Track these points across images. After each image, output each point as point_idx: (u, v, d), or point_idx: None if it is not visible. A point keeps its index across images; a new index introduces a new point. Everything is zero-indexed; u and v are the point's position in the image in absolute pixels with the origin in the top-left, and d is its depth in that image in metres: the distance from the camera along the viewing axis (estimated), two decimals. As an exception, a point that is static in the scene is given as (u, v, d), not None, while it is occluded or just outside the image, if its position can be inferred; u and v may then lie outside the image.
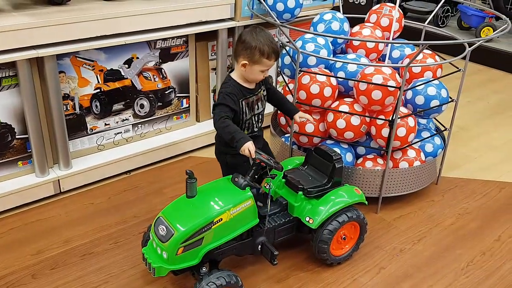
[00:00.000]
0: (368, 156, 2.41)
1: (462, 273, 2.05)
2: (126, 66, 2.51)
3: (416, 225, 2.33)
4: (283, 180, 2.00)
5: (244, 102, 1.91)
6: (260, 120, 2.03)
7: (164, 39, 2.57)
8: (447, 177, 2.71)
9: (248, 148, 1.74)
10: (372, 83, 2.17)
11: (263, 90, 2.01)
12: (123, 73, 2.52)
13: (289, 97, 2.44)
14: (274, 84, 3.21)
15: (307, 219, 1.90)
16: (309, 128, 2.37)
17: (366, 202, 2.06)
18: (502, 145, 3.13)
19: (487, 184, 2.69)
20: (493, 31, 4.59)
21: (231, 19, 2.73)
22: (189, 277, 1.90)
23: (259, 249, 1.87)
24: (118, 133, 2.63)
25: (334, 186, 1.98)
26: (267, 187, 1.89)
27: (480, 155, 3.00)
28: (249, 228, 1.80)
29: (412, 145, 2.40)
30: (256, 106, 1.97)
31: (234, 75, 1.93)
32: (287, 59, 2.52)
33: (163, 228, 1.69)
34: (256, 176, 1.80)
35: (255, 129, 2.01)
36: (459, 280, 2.01)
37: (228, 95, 1.87)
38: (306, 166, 2.07)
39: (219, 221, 1.70)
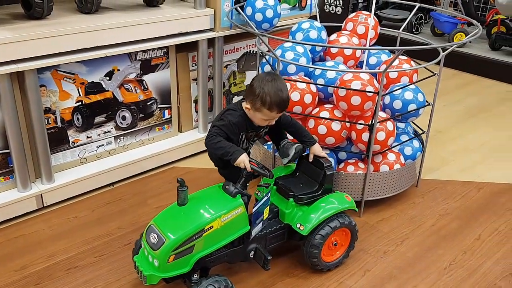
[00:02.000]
0: (349, 161, 2.45)
1: (445, 272, 2.10)
2: (107, 78, 2.52)
3: (398, 227, 2.38)
4: (274, 187, 2.02)
5: (244, 135, 1.95)
6: (252, 144, 2.07)
7: (144, 51, 2.59)
8: (426, 179, 2.77)
9: (244, 161, 1.76)
10: (351, 89, 2.22)
11: (266, 129, 2.02)
12: (104, 86, 2.52)
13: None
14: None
15: (298, 225, 1.93)
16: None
17: (356, 209, 2.10)
18: (479, 147, 3.22)
19: (465, 185, 2.76)
20: (465, 37, 4.72)
21: (211, 29, 2.76)
22: (180, 285, 1.89)
23: (252, 254, 1.89)
24: (100, 145, 2.63)
25: (324, 193, 2.01)
26: (258, 194, 1.91)
27: (457, 157, 3.08)
28: (240, 235, 1.81)
29: (392, 149, 2.45)
30: (252, 139, 2.03)
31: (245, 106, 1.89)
32: (267, 68, 2.56)
33: (154, 236, 1.70)
34: (247, 184, 1.82)
35: (244, 147, 2.02)
36: (442, 280, 2.05)
37: (232, 125, 1.86)
38: (297, 173, 2.09)
39: (210, 229, 1.71)
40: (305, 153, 2.09)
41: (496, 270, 2.11)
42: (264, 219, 1.86)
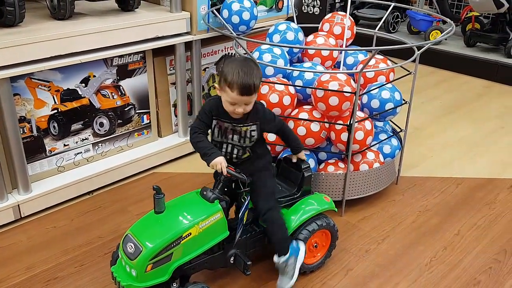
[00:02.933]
0: (329, 161, 2.46)
1: (426, 268, 2.12)
2: (83, 85, 2.48)
3: (379, 225, 2.39)
4: None
5: (216, 122, 1.82)
6: (238, 153, 1.86)
7: (120, 56, 2.56)
8: (406, 177, 2.80)
9: (221, 163, 1.71)
10: (329, 90, 2.23)
11: (251, 130, 1.82)
12: (80, 92, 2.49)
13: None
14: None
15: None
16: (271, 137, 2.40)
17: (336, 209, 2.11)
18: (456, 143, 3.26)
19: (444, 181, 2.80)
20: (441, 34, 4.78)
21: (187, 33, 2.74)
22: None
23: (232, 260, 1.87)
24: (78, 153, 2.59)
25: (303, 195, 2.01)
26: (242, 201, 1.89)
27: (436, 153, 3.12)
28: (219, 241, 1.80)
29: (371, 148, 2.47)
30: (231, 136, 1.83)
31: None
32: (245, 71, 2.55)
33: (131, 246, 1.67)
34: (225, 189, 1.80)
35: (233, 160, 1.87)
36: (424, 276, 2.08)
37: (204, 109, 1.82)
38: (275, 176, 2.09)
39: (188, 236, 1.69)
40: (285, 155, 2.10)
41: (476, 264, 2.15)
42: (244, 223, 1.85)
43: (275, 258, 1.90)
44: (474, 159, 3.05)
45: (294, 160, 2.04)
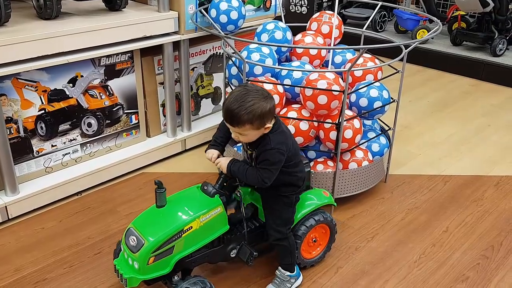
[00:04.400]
0: (318, 160, 2.47)
1: (415, 265, 2.14)
2: (71, 85, 2.46)
3: (369, 223, 2.41)
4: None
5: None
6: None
7: (108, 56, 2.54)
8: (394, 175, 2.82)
9: (212, 156, 1.80)
10: (317, 89, 2.24)
11: (253, 155, 1.78)
12: (67, 93, 2.47)
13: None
14: (222, 95, 3.24)
15: None
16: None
17: (335, 204, 2.13)
18: (444, 141, 3.29)
19: (432, 178, 2.82)
20: (427, 33, 4.83)
21: (175, 32, 2.73)
22: (161, 287, 1.87)
23: (233, 253, 1.90)
24: (66, 153, 2.57)
25: (302, 190, 2.02)
26: (238, 194, 1.90)
27: (424, 151, 3.14)
28: (220, 235, 1.82)
29: (360, 146, 2.48)
30: (245, 153, 1.89)
31: None
32: (234, 70, 2.55)
33: (133, 239, 1.69)
34: (225, 184, 1.82)
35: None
36: (413, 273, 2.09)
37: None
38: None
39: (189, 229, 1.71)
40: None
41: (464, 260, 2.17)
42: (245, 217, 1.88)
43: (280, 270, 1.93)
44: (461, 157, 3.08)
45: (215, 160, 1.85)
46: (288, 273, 1.92)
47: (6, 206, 2.32)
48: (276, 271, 1.94)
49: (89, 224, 2.36)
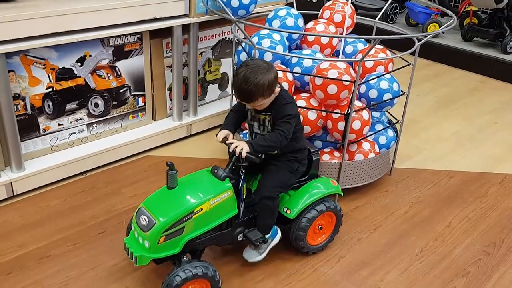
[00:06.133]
0: (325, 150, 2.46)
1: (417, 258, 2.14)
2: (79, 64, 2.45)
3: (372, 215, 2.41)
4: (261, 173, 2.02)
5: (248, 107, 1.94)
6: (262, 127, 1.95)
7: (117, 36, 2.53)
8: (400, 168, 2.82)
9: (224, 134, 1.86)
10: (328, 78, 2.22)
11: (269, 119, 1.89)
12: (76, 72, 2.46)
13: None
14: (229, 81, 3.23)
15: (285, 209, 1.96)
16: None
17: (342, 193, 2.14)
18: (450, 136, 3.28)
19: (437, 173, 2.82)
20: (439, 27, 4.79)
21: (185, 15, 2.71)
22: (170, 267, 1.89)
23: (240, 237, 1.92)
24: (72, 133, 2.57)
25: (310, 178, 2.05)
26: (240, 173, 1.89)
27: (430, 146, 3.13)
28: (228, 219, 1.83)
29: (367, 138, 2.47)
30: (254, 123, 1.95)
31: None
32: (243, 56, 2.54)
33: (144, 218, 1.71)
34: (234, 168, 1.82)
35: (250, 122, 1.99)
36: (414, 265, 2.10)
37: None
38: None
39: (200, 211, 1.73)
40: None
41: (466, 255, 2.17)
42: (244, 197, 1.88)
43: (253, 233, 1.94)
44: (467, 153, 3.07)
45: (228, 141, 1.86)
46: (261, 236, 1.94)
47: (11, 183, 2.32)
48: (248, 234, 1.93)
49: (93, 204, 2.37)
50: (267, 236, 1.95)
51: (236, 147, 1.77)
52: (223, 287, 1.86)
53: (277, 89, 1.83)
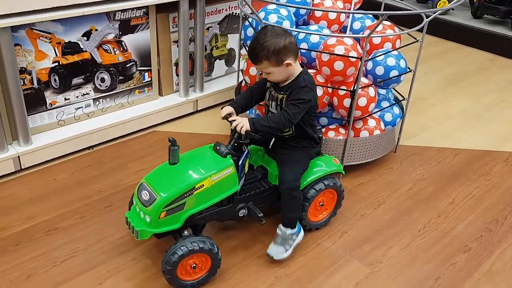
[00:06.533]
0: (330, 127, 2.46)
1: (419, 234, 2.16)
2: (85, 38, 2.45)
3: (376, 191, 2.42)
4: (263, 149, 2.04)
5: (269, 84, 1.92)
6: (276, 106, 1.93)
7: (123, 10, 2.51)
8: (405, 146, 2.82)
9: (226, 110, 1.84)
10: (334, 54, 2.21)
11: (284, 98, 1.86)
12: (82, 46, 2.46)
13: (254, 69, 2.46)
14: (236, 57, 3.22)
15: None
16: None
17: (343, 172, 2.15)
18: (457, 114, 3.27)
19: (442, 151, 2.82)
20: (449, 4, 4.71)
21: (192, -10, 2.69)
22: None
23: (241, 213, 1.93)
24: (79, 108, 2.58)
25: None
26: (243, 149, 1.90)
27: (436, 124, 3.12)
28: (229, 195, 1.84)
29: (372, 115, 2.47)
30: (271, 102, 1.92)
31: None
32: (250, 31, 2.52)
33: (146, 193, 1.72)
34: (236, 144, 1.83)
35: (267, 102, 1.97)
36: (416, 241, 2.12)
37: None
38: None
39: (201, 187, 1.74)
40: None
41: (468, 232, 2.19)
42: (245, 172, 1.89)
43: (281, 228, 1.93)
44: (473, 131, 3.06)
45: (231, 118, 1.85)
46: (290, 231, 1.93)
47: (19, 156, 2.35)
48: (277, 230, 1.94)
49: (100, 178, 2.40)
50: (293, 231, 1.91)
51: (237, 124, 1.76)
52: (227, 262, 1.89)
53: (289, 62, 1.76)
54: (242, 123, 1.76)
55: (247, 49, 1.81)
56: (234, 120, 1.79)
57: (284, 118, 1.77)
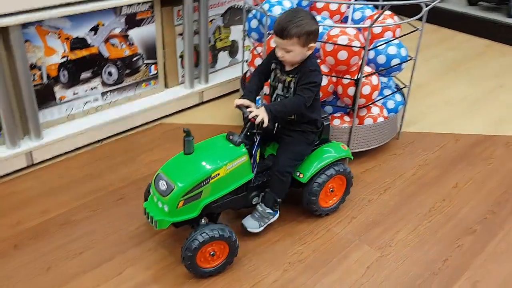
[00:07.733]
0: (335, 115, 2.52)
1: (425, 218, 2.23)
2: (92, 33, 2.48)
3: (381, 177, 2.48)
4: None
5: (274, 65, 1.94)
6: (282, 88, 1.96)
7: (129, 5, 2.54)
8: (407, 132, 2.88)
9: (238, 104, 1.86)
10: (339, 44, 2.26)
11: (293, 81, 1.89)
12: (89, 41, 2.49)
13: (259, 60, 2.50)
14: (240, 48, 3.25)
15: (298, 174, 2.03)
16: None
17: (352, 157, 2.20)
18: (457, 100, 3.33)
19: (443, 136, 2.88)
20: (444, -9, 4.75)
21: (195, -17, 2.72)
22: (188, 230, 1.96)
23: (255, 201, 1.99)
24: (87, 102, 2.62)
25: (322, 143, 2.11)
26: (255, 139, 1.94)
27: (436, 110, 3.18)
28: (243, 183, 1.90)
29: (376, 103, 2.52)
30: (277, 84, 1.95)
31: None
32: (254, 23, 2.56)
33: (163, 183, 1.76)
34: (248, 133, 1.87)
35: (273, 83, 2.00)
36: (423, 225, 2.19)
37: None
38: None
39: (217, 176, 1.79)
40: None
41: (472, 214, 2.26)
42: (257, 162, 1.94)
43: (263, 206, 1.99)
44: (473, 117, 3.12)
45: (249, 108, 1.86)
46: (269, 210, 1.99)
47: (31, 151, 2.39)
48: (258, 205, 2.00)
49: (110, 171, 2.44)
50: (271, 211, 1.99)
51: (256, 116, 1.78)
52: (240, 249, 1.94)
53: (312, 46, 1.83)
54: (261, 116, 1.78)
55: (277, 23, 1.80)
56: (251, 111, 1.81)
57: (300, 102, 1.84)
